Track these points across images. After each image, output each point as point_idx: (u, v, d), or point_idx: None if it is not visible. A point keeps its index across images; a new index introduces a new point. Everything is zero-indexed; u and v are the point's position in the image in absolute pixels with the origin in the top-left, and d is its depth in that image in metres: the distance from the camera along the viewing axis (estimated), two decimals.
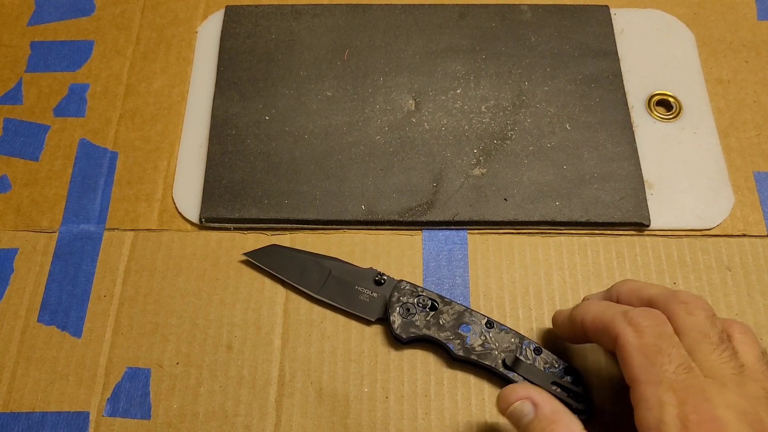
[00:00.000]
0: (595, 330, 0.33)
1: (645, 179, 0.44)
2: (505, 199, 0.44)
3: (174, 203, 0.44)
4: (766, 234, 0.43)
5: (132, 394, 0.39)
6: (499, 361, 0.37)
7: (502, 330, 0.38)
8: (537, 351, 0.37)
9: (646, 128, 0.47)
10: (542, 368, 0.37)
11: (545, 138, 0.46)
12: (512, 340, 0.37)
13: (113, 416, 0.38)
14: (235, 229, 0.44)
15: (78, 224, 0.44)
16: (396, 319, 0.38)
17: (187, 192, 0.45)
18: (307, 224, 0.43)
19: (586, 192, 0.44)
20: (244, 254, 0.42)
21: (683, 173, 0.45)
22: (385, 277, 0.40)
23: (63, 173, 0.46)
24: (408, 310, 0.38)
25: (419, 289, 0.39)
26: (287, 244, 0.43)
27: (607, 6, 0.51)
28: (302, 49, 0.50)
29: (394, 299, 0.39)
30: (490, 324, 0.38)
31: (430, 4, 0.51)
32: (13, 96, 0.49)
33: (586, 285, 0.42)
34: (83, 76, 0.50)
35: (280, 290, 0.42)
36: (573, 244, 0.43)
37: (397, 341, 0.39)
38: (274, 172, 0.45)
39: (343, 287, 0.40)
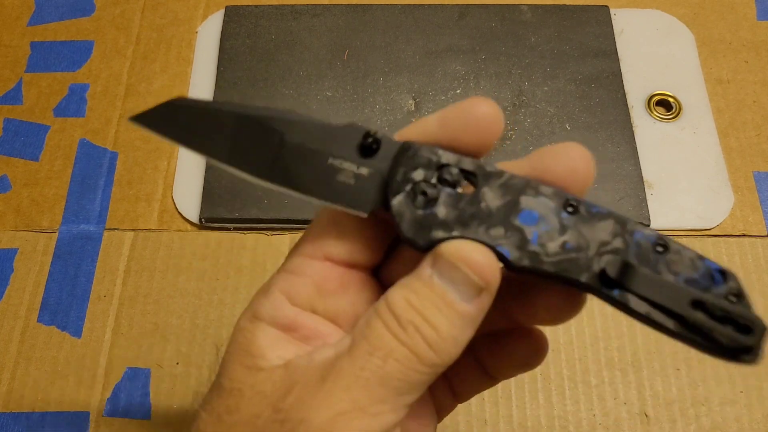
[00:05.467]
0: None
1: (645, 179, 0.44)
2: None
3: (174, 203, 0.44)
4: (765, 234, 0.43)
5: (132, 394, 0.39)
6: (595, 272, 0.21)
7: (594, 213, 0.22)
8: (661, 247, 0.21)
9: (646, 128, 0.47)
10: (673, 277, 0.21)
11: (545, 138, 0.46)
12: (614, 230, 0.21)
13: (113, 416, 0.38)
14: (235, 229, 0.44)
15: (78, 224, 0.44)
16: (404, 212, 0.22)
17: (187, 192, 0.45)
18: (307, 224, 0.43)
19: (586, 192, 0.44)
20: (131, 118, 0.23)
21: (683, 173, 0.45)
22: (379, 138, 0.22)
23: (63, 173, 0.46)
24: (424, 194, 0.22)
25: (439, 153, 0.22)
26: (287, 245, 0.43)
27: (606, 6, 0.51)
28: (302, 49, 0.50)
29: (398, 177, 0.22)
30: (573, 206, 0.22)
31: (429, 5, 0.52)
32: (13, 96, 0.49)
33: None
34: (83, 76, 0.50)
35: None
36: None
37: (411, 247, 0.22)
38: None
39: (309, 161, 0.23)
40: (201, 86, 0.49)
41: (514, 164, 0.22)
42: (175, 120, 0.23)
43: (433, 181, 0.22)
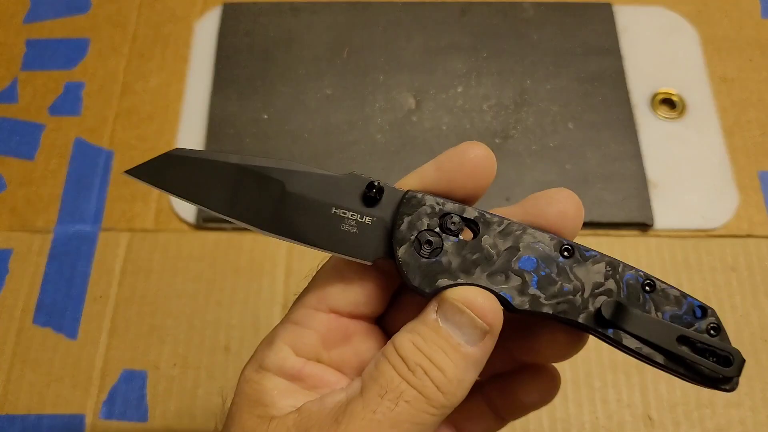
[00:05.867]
0: None
1: (649, 179, 0.44)
2: (507, 199, 0.43)
3: (171, 203, 0.44)
4: None
5: (128, 396, 0.38)
6: (591, 312, 0.23)
7: (588, 258, 0.23)
8: (648, 286, 0.23)
9: (650, 127, 0.46)
10: (660, 314, 0.23)
11: (548, 137, 0.45)
12: (606, 272, 0.23)
13: (109, 419, 0.38)
14: (233, 229, 0.43)
15: (73, 224, 0.43)
16: (410, 261, 0.23)
17: None
18: None
19: (590, 192, 0.43)
20: (127, 172, 0.24)
21: (687, 173, 0.44)
22: (382, 187, 0.24)
23: (58, 173, 0.45)
24: (429, 243, 0.23)
25: (441, 202, 0.23)
26: (284, 246, 0.42)
27: (609, 3, 0.51)
28: (301, 47, 0.49)
29: (403, 226, 0.23)
30: (568, 251, 0.23)
31: (431, 2, 0.51)
32: (8, 94, 0.48)
33: None
34: (79, 75, 0.49)
35: (278, 291, 0.41)
36: None
37: (417, 294, 0.23)
38: None
39: (312, 211, 0.23)
40: (198, 85, 0.48)
41: (509, 210, 0.24)
42: (172, 172, 0.23)
43: (437, 229, 0.23)
